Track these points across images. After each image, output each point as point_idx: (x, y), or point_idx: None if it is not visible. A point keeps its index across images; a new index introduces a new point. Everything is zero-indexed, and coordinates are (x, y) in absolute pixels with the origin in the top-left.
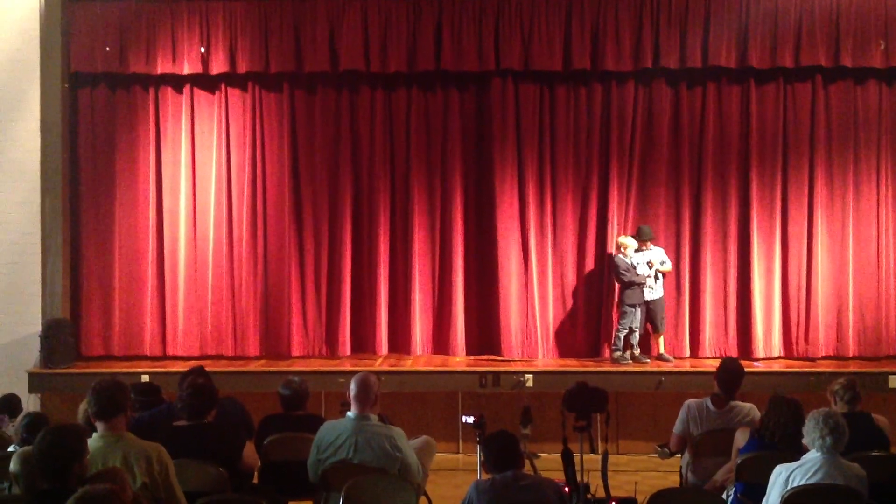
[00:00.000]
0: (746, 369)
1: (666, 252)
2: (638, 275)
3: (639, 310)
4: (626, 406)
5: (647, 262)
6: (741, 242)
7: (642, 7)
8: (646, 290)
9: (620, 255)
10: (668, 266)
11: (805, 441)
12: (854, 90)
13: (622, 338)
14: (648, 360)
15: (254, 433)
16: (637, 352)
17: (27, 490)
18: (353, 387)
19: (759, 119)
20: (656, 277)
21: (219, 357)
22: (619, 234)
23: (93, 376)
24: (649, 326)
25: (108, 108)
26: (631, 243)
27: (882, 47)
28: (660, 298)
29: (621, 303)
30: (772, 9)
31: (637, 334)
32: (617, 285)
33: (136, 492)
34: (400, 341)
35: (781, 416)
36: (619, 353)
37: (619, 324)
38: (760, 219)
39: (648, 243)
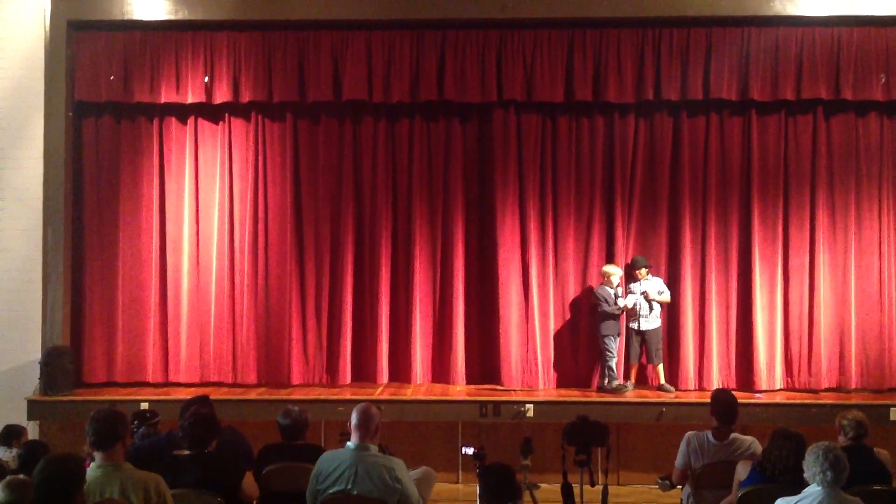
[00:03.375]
0: (748, 401)
1: (668, 283)
2: (617, 306)
3: (616, 340)
4: (626, 437)
5: (643, 293)
6: (743, 273)
7: (644, 39)
8: (641, 321)
9: (604, 286)
10: (666, 296)
11: (805, 475)
12: (855, 122)
13: (613, 367)
14: (628, 389)
15: (253, 463)
16: (615, 383)
17: None
18: (354, 417)
19: (761, 151)
20: (651, 308)
21: (219, 385)
22: (624, 264)
23: (92, 404)
24: (644, 358)
25: (112, 137)
26: (615, 272)
27: (883, 80)
28: (656, 329)
29: (599, 334)
30: (773, 42)
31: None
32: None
33: None
34: (400, 370)
35: (783, 449)
36: (617, 383)
37: (605, 355)
38: (762, 250)
39: (643, 272)
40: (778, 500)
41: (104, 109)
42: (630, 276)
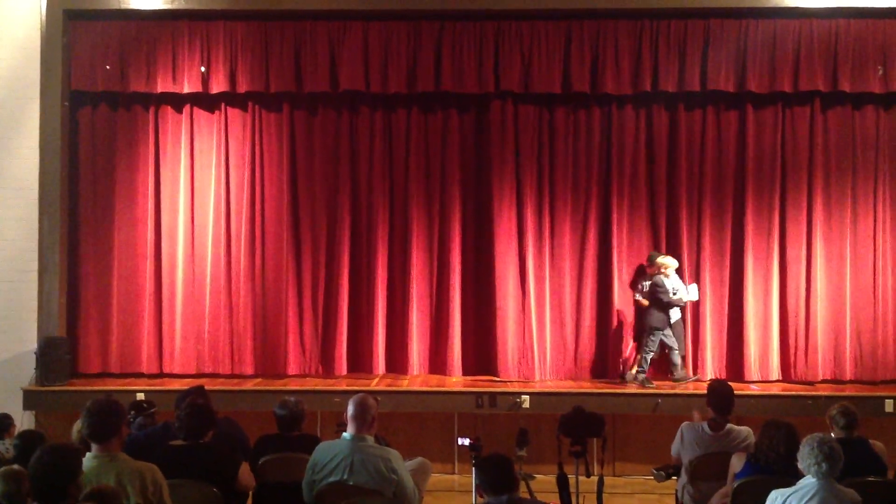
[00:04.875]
0: (744, 393)
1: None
2: (677, 297)
3: (660, 335)
4: (622, 428)
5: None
6: (739, 265)
7: (641, 31)
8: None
9: (661, 276)
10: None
11: (800, 467)
12: (852, 115)
13: (648, 360)
14: (653, 385)
15: (249, 453)
16: (642, 377)
17: None
18: (350, 407)
19: (758, 142)
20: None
21: (215, 375)
22: (618, 256)
23: (88, 394)
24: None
25: (108, 126)
26: (672, 263)
27: (880, 73)
28: (677, 321)
29: (648, 326)
30: (770, 34)
31: (650, 357)
32: (643, 307)
33: None
34: (397, 361)
35: (773, 439)
36: (644, 377)
37: (645, 347)
38: (758, 242)
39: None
40: (772, 491)
41: (100, 98)
42: (645, 272)
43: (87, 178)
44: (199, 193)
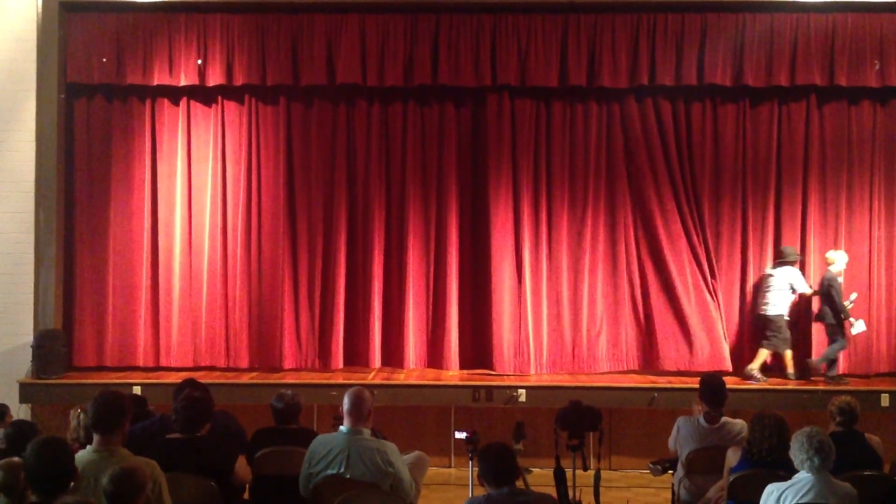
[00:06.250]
0: (739, 386)
1: (662, 268)
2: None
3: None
4: (619, 422)
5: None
6: (737, 259)
7: (638, 24)
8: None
9: (830, 271)
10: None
11: (794, 462)
12: (848, 109)
13: (838, 357)
14: (847, 382)
15: (246, 446)
16: (833, 373)
17: (16, 502)
18: (346, 401)
19: (754, 137)
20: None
21: (211, 369)
22: (614, 250)
23: (84, 387)
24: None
25: (104, 119)
26: (840, 257)
27: (877, 67)
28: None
29: (838, 322)
30: (767, 27)
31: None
32: (816, 303)
33: None
34: (393, 355)
35: (764, 430)
36: (833, 373)
37: (833, 344)
38: (753, 236)
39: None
40: (768, 485)
41: (96, 91)
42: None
43: (84, 171)
44: (195, 186)
